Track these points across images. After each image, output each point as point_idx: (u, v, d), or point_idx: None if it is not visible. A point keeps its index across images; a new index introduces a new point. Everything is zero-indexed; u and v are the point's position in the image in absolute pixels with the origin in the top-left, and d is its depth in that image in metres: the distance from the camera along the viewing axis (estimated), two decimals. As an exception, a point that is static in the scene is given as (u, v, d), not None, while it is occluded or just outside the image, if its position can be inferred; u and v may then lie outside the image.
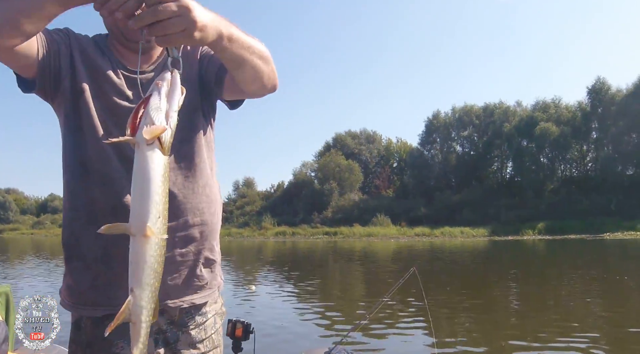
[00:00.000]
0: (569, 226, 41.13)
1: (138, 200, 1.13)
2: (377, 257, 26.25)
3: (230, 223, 59.79)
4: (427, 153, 61.26)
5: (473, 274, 17.63)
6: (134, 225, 1.12)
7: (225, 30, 1.30)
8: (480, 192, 52.75)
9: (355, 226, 48.90)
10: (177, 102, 1.20)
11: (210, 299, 1.77)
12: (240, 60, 1.43)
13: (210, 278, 1.76)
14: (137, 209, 1.13)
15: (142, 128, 1.13)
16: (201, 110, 1.72)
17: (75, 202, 1.61)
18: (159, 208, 1.13)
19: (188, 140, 1.66)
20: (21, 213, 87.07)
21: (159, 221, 1.13)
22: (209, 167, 1.75)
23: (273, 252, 32.42)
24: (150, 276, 1.14)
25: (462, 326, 8.84)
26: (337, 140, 67.97)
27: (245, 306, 10.75)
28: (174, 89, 1.21)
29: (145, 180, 1.12)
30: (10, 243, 50.13)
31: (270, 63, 1.54)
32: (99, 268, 1.57)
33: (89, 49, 1.61)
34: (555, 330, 8.03)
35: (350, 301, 12.13)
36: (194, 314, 1.72)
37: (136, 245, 1.12)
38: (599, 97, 51.22)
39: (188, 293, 1.69)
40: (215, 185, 1.79)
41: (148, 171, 1.13)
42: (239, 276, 17.41)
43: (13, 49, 1.35)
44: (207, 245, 1.73)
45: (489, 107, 57.88)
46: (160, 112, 1.15)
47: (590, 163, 54.20)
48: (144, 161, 1.13)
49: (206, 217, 1.71)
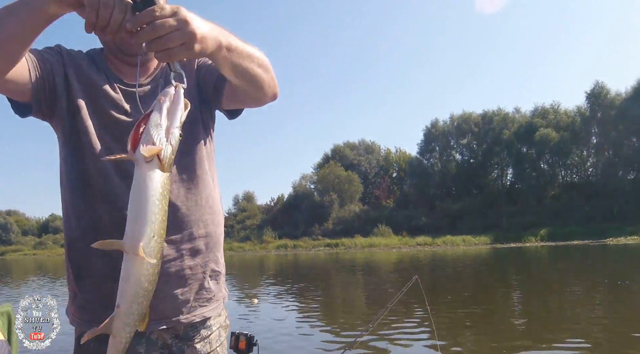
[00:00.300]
0: (572, 232, 40.98)
1: (133, 219, 1.12)
2: (379, 268, 26.24)
3: (231, 237, 60.07)
4: (427, 162, 61.25)
5: (476, 282, 17.53)
6: (127, 243, 1.11)
7: (224, 40, 1.29)
8: (481, 200, 52.79)
9: (356, 238, 48.98)
10: (179, 118, 1.18)
11: (215, 312, 1.77)
12: (240, 70, 1.42)
13: (216, 290, 1.77)
14: (131, 227, 1.12)
15: (140, 146, 1.13)
16: (201, 121, 1.72)
17: (78, 221, 1.61)
18: (154, 228, 1.12)
19: (189, 152, 1.66)
20: (23, 234, 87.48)
21: (153, 241, 1.12)
22: (211, 178, 1.75)
23: (275, 265, 32.63)
24: (139, 294, 1.14)
25: (466, 334, 8.78)
26: (336, 152, 68.28)
27: (248, 319, 10.71)
28: (176, 105, 1.19)
29: (141, 199, 1.12)
30: (12, 264, 50.51)
31: (269, 71, 1.53)
32: (108, 286, 1.49)
33: (84, 65, 1.61)
34: (559, 336, 7.92)
35: (353, 311, 12.12)
36: (199, 327, 1.71)
37: (128, 263, 1.13)
38: (598, 101, 51.25)
39: (199, 307, 1.69)
40: (218, 196, 1.79)
41: (145, 189, 1.12)
42: (241, 290, 17.42)
43: (1, 75, 1.32)
44: (212, 256, 1.73)
45: (488, 114, 57.94)
46: (160, 129, 1.14)
47: (591, 169, 54.24)
48: (142, 179, 1.12)
49: (210, 229, 1.71)
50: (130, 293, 1.13)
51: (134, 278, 1.12)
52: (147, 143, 1.12)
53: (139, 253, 1.10)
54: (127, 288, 1.13)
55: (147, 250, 1.11)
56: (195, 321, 1.69)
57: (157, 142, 1.12)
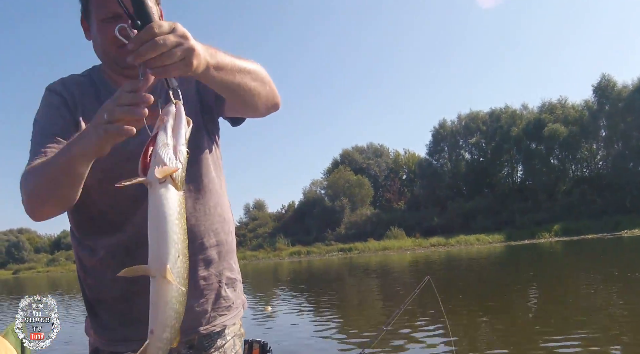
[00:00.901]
0: (585, 226, 40.62)
1: (156, 241, 1.11)
2: (393, 270, 26.19)
3: (244, 246, 59.88)
4: (436, 162, 60.86)
5: (491, 280, 17.45)
6: (153, 267, 1.10)
7: (211, 59, 1.28)
8: (493, 198, 52.47)
9: (369, 241, 48.75)
10: (184, 135, 1.18)
11: (235, 320, 1.77)
12: (232, 86, 1.41)
13: (234, 298, 1.76)
14: (155, 250, 1.10)
15: (153, 168, 1.11)
16: (204, 129, 1.70)
17: (89, 246, 1.62)
18: (177, 247, 1.11)
19: (195, 161, 1.62)
20: (35, 252, 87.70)
21: (179, 261, 1.11)
22: (219, 186, 1.73)
23: (289, 272, 32.58)
24: (171, 317, 1.13)
25: (481, 332, 8.79)
26: (345, 156, 67.96)
27: (262, 327, 10.76)
28: (179, 122, 1.18)
29: (161, 220, 1.11)
30: (26, 282, 50.52)
31: (267, 83, 1.53)
32: (123, 306, 1.58)
33: (85, 99, 1.61)
34: (576, 331, 7.89)
35: (367, 314, 12.09)
36: (214, 337, 1.70)
37: (157, 287, 1.11)
38: (606, 94, 50.77)
39: (218, 317, 1.69)
40: (227, 203, 1.78)
41: (164, 210, 1.11)
42: (255, 297, 17.37)
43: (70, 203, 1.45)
44: (226, 264, 1.72)
45: (495, 112, 57.58)
46: (168, 148, 1.14)
47: (601, 162, 53.78)
48: (159, 200, 1.11)
49: (222, 237, 1.70)
50: (163, 317, 1.12)
51: (165, 301, 1.11)
52: (159, 164, 1.11)
53: (167, 275, 1.08)
54: (158, 313, 1.11)
55: (175, 271, 1.10)
56: (215, 331, 1.68)
57: (168, 162, 1.12)
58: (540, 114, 54.54)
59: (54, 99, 1.60)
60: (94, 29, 1.55)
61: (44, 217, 1.46)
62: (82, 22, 1.61)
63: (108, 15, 1.47)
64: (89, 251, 1.61)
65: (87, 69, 1.72)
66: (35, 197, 1.40)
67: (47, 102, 1.61)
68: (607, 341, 7.15)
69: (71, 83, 1.65)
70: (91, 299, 1.66)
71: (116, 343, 1.60)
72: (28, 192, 1.40)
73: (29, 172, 1.41)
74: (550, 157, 53.40)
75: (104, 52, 1.56)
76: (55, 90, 1.63)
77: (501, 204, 50.44)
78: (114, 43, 1.44)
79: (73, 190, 1.37)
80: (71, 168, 1.30)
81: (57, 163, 1.32)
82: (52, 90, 1.64)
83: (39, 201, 1.41)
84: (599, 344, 6.98)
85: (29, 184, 1.40)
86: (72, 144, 1.28)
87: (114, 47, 1.49)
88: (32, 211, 1.43)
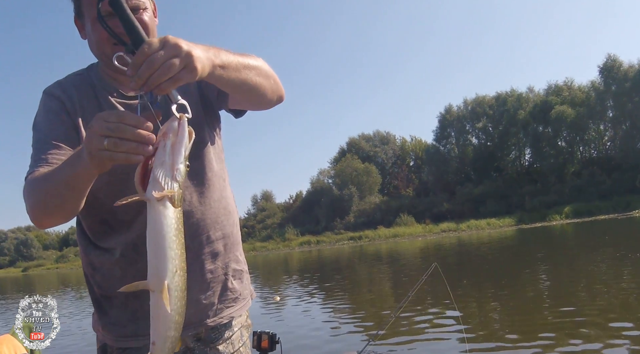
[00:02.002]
0: (596, 207, 40.65)
1: (154, 257, 1.13)
2: (404, 257, 26.18)
3: (253, 237, 60.02)
4: (443, 148, 60.68)
5: (503, 264, 17.35)
6: (151, 282, 1.13)
7: (216, 59, 1.28)
8: (501, 182, 52.35)
9: (379, 229, 48.82)
10: (183, 153, 1.17)
11: (242, 311, 1.80)
12: (237, 83, 1.42)
13: (241, 289, 1.79)
14: (153, 266, 1.13)
15: (151, 187, 1.13)
16: (206, 123, 1.71)
17: (99, 246, 1.63)
18: (175, 263, 1.14)
19: (197, 156, 1.65)
20: (44, 249, 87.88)
21: (176, 276, 1.14)
22: (222, 179, 1.76)
23: (299, 262, 32.70)
24: (171, 328, 1.16)
25: (493, 317, 8.76)
26: (352, 145, 67.82)
27: (272, 317, 10.83)
28: (181, 139, 1.17)
29: (159, 237, 1.13)
30: (36, 279, 50.79)
31: (270, 76, 1.54)
32: (133, 303, 1.59)
33: (84, 101, 1.61)
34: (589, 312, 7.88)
35: (378, 302, 12.12)
36: (221, 329, 1.72)
37: (156, 301, 1.14)
38: (612, 74, 50.41)
39: (225, 309, 1.72)
40: (231, 196, 1.80)
41: (161, 228, 1.13)
42: (265, 288, 17.53)
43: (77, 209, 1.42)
44: (232, 256, 1.75)
45: (501, 96, 57.20)
46: (166, 168, 1.14)
47: (609, 142, 53.57)
48: (157, 218, 1.13)
49: (227, 230, 1.73)
50: (163, 329, 1.15)
51: (165, 315, 1.14)
52: (155, 186, 1.13)
53: (164, 291, 1.12)
54: (159, 325, 1.15)
55: (172, 285, 1.13)
56: (222, 323, 1.71)
57: (163, 183, 1.13)
58: (547, 96, 54.28)
59: (53, 104, 1.60)
60: (88, 27, 1.54)
61: (49, 226, 1.47)
62: (76, 21, 1.61)
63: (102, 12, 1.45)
64: (99, 250, 1.63)
65: (84, 68, 1.72)
66: (39, 210, 1.40)
67: (46, 107, 1.61)
68: (619, 322, 7.08)
69: (69, 85, 1.64)
70: (100, 296, 1.67)
71: (126, 338, 1.62)
72: (32, 204, 1.40)
73: (32, 184, 1.41)
74: (558, 139, 53.17)
75: (100, 51, 1.55)
76: (53, 94, 1.62)
77: (510, 188, 50.35)
78: (109, 41, 1.46)
79: (77, 203, 1.38)
80: (76, 185, 1.31)
81: (61, 179, 1.31)
82: (50, 94, 1.63)
83: (44, 214, 1.41)
84: (611, 330, 6.90)
85: (32, 197, 1.40)
86: (75, 161, 1.27)
87: (109, 45, 1.49)
88: (36, 222, 1.44)
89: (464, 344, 6.60)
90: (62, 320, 12.38)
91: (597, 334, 6.70)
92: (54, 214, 1.40)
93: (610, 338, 6.48)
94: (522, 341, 6.85)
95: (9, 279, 59.57)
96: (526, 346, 6.59)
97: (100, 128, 1.12)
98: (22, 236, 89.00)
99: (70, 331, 11.80)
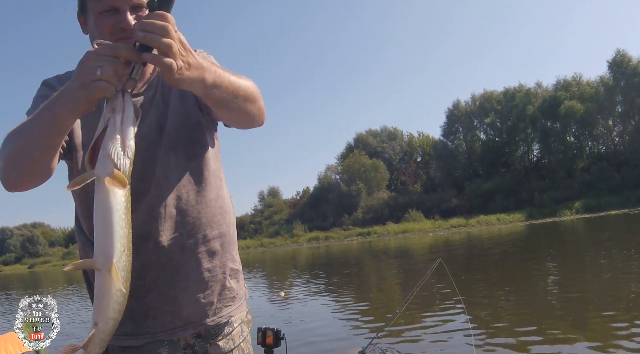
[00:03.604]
0: (607, 202, 40.55)
1: (102, 235, 1.12)
2: (414, 252, 26.04)
3: (260, 233, 60.17)
4: (451, 144, 60.57)
5: (512, 259, 17.14)
6: (98, 261, 1.11)
7: (209, 76, 1.31)
8: (510, 178, 52.25)
9: (388, 224, 48.74)
10: (132, 129, 1.18)
11: (239, 310, 1.80)
12: (225, 104, 1.44)
13: (238, 288, 1.79)
14: (101, 245, 1.12)
15: (100, 163, 1.13)
16: (203, 124, 1.70)
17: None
18: (123, 242, 1.13)
19: (194, 156, 1.66)
20: (50, 246, 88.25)
21: (124, 255, 1.13)
22: (219, 178, 1.76)
23: (307, 258, 32.63)
24: (115, 310, 1.14)
25: (500, 313, 8.63)
26: (359, 140, 67.81)
27: (277, 313, 10.79)
28: (128, 115, 1.18)
29: (107, 215, 1.12)
30: (42, 276, 50.83)
31: (257, 101, 1.55)
32: (132, 302, 1.53)
33: None
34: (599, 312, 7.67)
35: (384, 298, 12.08)
36: (220, 326, 1.73)
37: (102, 280, 1.12)
38: (621, 69, 50.30)
39: (224, 308, 1.72)
40: (227, 195, 1.81)
41: (110, 205, 1.12)
42: (271, 284, 17.61)
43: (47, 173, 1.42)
44: (229, 256, 1.75)
45: (509, 91, 57.06)
46: (116, 143, 1.14)
47: (617, 138, 53.47)
48: (106, 195, 1.12)
49: (223, 228, 1.73)
50: (108, 309, 1.13)
51: (110, 294, 1.12)
52: (105, 162, 1.13)
53: (112, 270, 1.10)
54: (103, 305, 1.13)
55: (120, 265, 1.12)
56: (221, 322, 1.71)
57: (116, 159, 1.13)
58: (556, 92, 54.09)
59: (48, 92, 1.56)
60: (91, 22, 1.54)
61: (18, 186, 1.42)
62: (79, 16, 1.60)
63: (105, 8, 1.47)
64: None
65: None
66: (9, 166, 1.36)
67: (40, 93, 1.61)
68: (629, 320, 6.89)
69: (67, 79, 1.58)
70: None
71: (126, 337, 1.62)
72: (5, 155, 1.36)
73: (5, 139, 1.37)
74: (567, 135, 53.08)
75: None
76: (49, 84, 1.63)
77: (519, 183, 50.28)
78: (111, 35, 1.47)
79: (51, 157, 1.35)
80: (52, 130, 1.27)
81: (36, 126, 1.28)
82: (46, 83, 1.64)
83: (13, 169, 1.36)
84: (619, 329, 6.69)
85: (7, 146, 1.36)
86: (54, 105, 1.24)
87: (110, 39, 1.47)
88: (5, 181, 1.40)
89: (470, 338, 6.55)
90: (68, 319, 12.20)
91: (606, 333, 6.55)
92: (22, 172, 1.36)
93: (617, 338, 6.31)
94: (529, 337, 6.78)
95: (15, 276, 59.58)
96: (534, 342, 6.53)
97: (95, 58, 1.15)
98: (28, 233, 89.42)
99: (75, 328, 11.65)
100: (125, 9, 1.47)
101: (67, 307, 16.41)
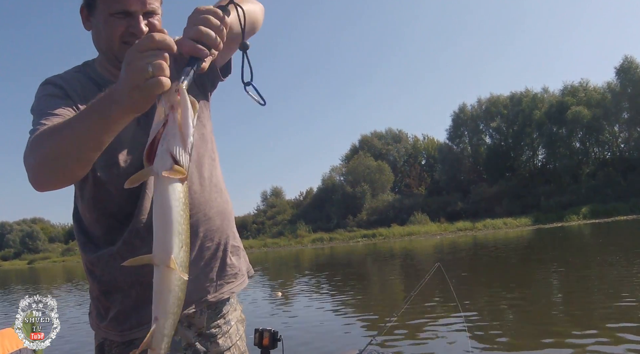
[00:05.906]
0: (614, 208, 40.65)
1: (161, 231, 1.12)
2: (418, 255, 25.98)
3: (263, 233, 60.04)
4: (457, 147, 60.83)
5: (517, 264, 17.01)
6: (157, 256, 1.11)
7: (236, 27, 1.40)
8: (516, 182, 52.42)
9: (393, 227, 48.76)
10: (191, 124, 1.15)
11: (242, 287, 1.81)
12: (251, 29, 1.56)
13: (239, 265, 1.81)
14: (160, 240, 1.12)
15: (160, 158, 1.11)
16: (202, 103, 1.72)
17: (105, 239, 1.62)
18: (181, 238, 1.13)
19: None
20: (49, 242, 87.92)
21: (182, 251, 1.13)
22: (212, 158, 1.76)
23: (310, 259, 32.57)
24: (174, 304, 1.15)
25: (499, 317, 8.58)
26: (364, 142, 67.91)
27: (274, 314, 10.76)
28: (186, 109, 1.15)
29: (167, 211, 1.11)
30: (41, 272, 50.52)
31: (261, 8, 1.68)
32: (136, 292, 1.59)
33: (88, 94, 1.56)
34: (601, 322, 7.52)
35: (383, 301, 12.05)
36: (220, 323, 1.75)
37: (161, 276, 1.12)
38: (628, 76, 50.58)
39: (225, 284, 1.73)
40: (220, 174, 1.82)
41: (170, 201, 1.11)
42: (271, 284, 17.52)
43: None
44: (229, 232, 1.77)
45: (516, 96, 57.29)
46: (177, 139, 1.13)
47: (623, 144, 53.63)
48: (165, 191, 1.12)
49: (222, 206, 1.75)
50: (167, 305, 1.13)
51: (168, 290, 1.12)
52: (165, 159, 1.11)
53: (171, 265, 1.10)
54: (162, 300, 1.13)
55: (178, 260, 1.12)
56: (223, 298, 1.73)
57: (178, 156, 1.12)
58: (563, 97, 54.26)
59: (55, 90, 1.55)
60: (99, 20, 1.51)
61: (51, 186, 1.35)
62: (82, 10, 1.57)
63: (119, 10, 1.46)
64: (98, 243, 1.63)
65: (79, 65, 1.69)
66: (45, 167, 1.29)
67: (46, 91, 1.55)
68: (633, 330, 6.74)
69: (70, 78, 1.61)
70: (101, 293, 1.66)
71: (131, 330, 1.61)
72: (39, 159, 1.28)
73: (41, 136, 1.30)
74: (573, 140, 53.17)
75: (108, 46, 1.54)
76: (55, 83, 1.58)
77: (524, 188, 50.46)
78: (121, 38, 1.47)
79: (92, 159, 1.29)
80: (102, 133, 1.21)
81: (84, 127, 1.21)
82: (50, 82, 1.59)
83: (50, 171, 1.30)
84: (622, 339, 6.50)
85: (39, 150, 1.29)
86: (103, 106, 1.17)
87: (118, 43, 1.49)
88: (37, 181, 1.33)
89: (467, 342, 6.55)
90: (69, 316, 12.03)
91: (608, 340, 6.43)
92: (62, 172, 1.30)
93: (621, 342, 6.24)
94: (527, 342, 6.73)
95: (14, 271, 59.36)
96: (531, 347, 6.47)
97: (141, 56, 1.09)
98: (28, 229, 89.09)
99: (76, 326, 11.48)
100: (139, 14, 1.46)
101: (68, 305, 16.18)
